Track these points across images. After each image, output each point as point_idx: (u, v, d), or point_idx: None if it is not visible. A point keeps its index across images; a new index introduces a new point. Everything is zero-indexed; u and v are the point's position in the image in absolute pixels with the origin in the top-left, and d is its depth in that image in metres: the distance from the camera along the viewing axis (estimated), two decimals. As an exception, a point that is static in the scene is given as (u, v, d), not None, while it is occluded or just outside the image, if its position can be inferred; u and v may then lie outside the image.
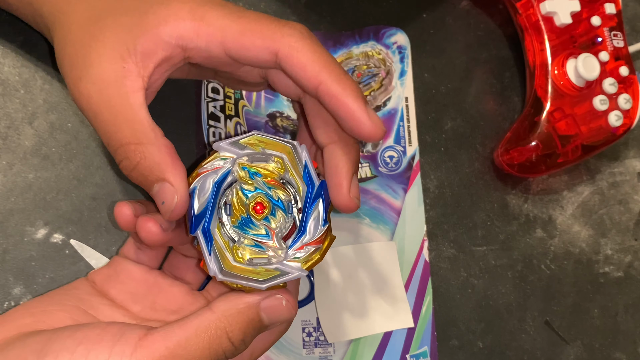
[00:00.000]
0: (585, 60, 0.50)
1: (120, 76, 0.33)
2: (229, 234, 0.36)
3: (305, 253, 0.36)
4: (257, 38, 0.33)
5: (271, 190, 0.36)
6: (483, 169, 0.53)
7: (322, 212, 0.36)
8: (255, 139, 0.36)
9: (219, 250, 0.35)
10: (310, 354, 0.46)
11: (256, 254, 0.35)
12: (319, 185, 0.36)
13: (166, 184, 0.33)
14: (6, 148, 0.44)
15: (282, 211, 0.36)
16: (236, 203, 0.36)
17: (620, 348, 0.51)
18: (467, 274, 0.50)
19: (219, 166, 0.35)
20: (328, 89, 0.34)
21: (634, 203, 0.55)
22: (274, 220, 0.36)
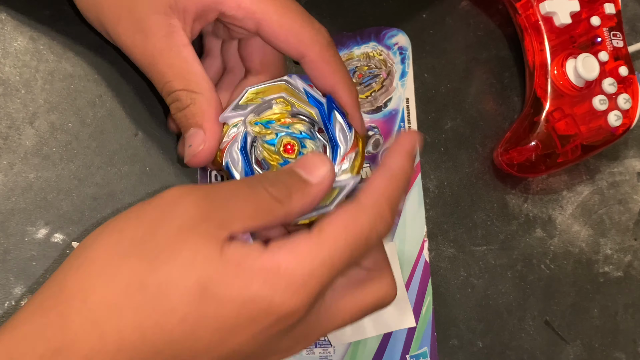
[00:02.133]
0: (584, 61, 0.50)
1: (169, 31, 0.36)
2: None
3: (349, 162, 0.37)
4: (292, 36, 0.37)
5: (290, 128, 0.38)
6: (483, 168, 0.53)
7: (343, 121, 0.38)
8: (251, 94, 0.37)
9: None
10: (310, 354, 0.46)
11: None
12: (327, 101, 0.38)
13: (200, 131, 0.36)
14: (7, 148, 0.44)
15: (309, 140, 0.38)
16: (267, 155, 0.37)
17: (620, 347, 0.51)
18: (467, 274, 0.50)
19: (235, 134, 0.37)
20: (339, 98, 0.38)
21: (633, 203, 0.55)
22: (307, 151, 0.37)
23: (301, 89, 0.38)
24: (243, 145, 0.37)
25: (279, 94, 0.38)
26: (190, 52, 0.37)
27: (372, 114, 0.51)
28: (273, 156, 0.37)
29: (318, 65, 0.38)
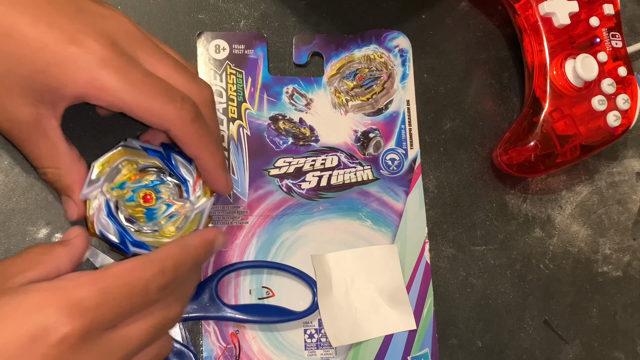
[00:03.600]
0: (583, 61, 0.50)
1: (36, 120, 0.38)
2: (150, 229, 0.42)
3: (200, 188, 0.43)
4: (154, 118, 0.39)
5: (142, 181, 0.42)
6: (482, 169, 0.53)
7: (182, 159, 0.43)
8: (99, 166, 0.41)
9: (155, 243, 0.41)
10: (312, 356, 0.46)
11: (177, 222, 0.42)
12: (163, 148, 0.43)
13: (70, 201, 0.41)
14: (8, 148, 0.44)
15: (161, 185, 0.43)
16: (132, 211, 0.42)
17: (618, 347, 0.52)
18: (467, 274, 0.50)
19: (98, 205, 0.41)
20: (203, 164, 0.42)
21: (632, 203, 0.55)
22: (163, 194, 0.42)
23: (138, 147, 0.42)
24: (108, 211, 0.41)
25: (122, 158, 0.42)
26: (57, 133, 0.40)
27: (373, 116, 0.51)
28: (136, 209, 0.42)
29: (181, 138, 0.40)
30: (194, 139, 0.41)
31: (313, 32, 0.52)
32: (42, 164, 0.40)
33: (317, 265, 0.47)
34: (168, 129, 0.40)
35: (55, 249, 0.37)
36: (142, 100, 0.38)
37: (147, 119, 0.39)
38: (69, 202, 0.41)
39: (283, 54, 0.51)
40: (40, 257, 0.36)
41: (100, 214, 0.41)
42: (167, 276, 0.36)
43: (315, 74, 0.51)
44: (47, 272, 0.36)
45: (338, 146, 0.50)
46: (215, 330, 0.45)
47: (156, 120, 0.39)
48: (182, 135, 0.40)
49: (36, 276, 0.35)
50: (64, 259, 0.37)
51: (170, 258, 0.37)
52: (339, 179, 0.50)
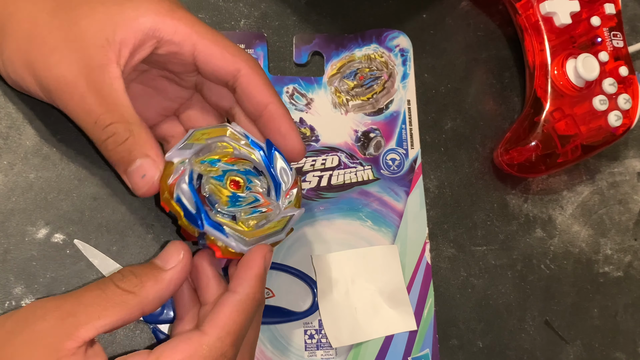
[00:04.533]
0: (584, 61, 0.50)
1: (104, 63, 0.36)
2: (229, 215, 0.39)
3: (291, 197, 0.40)
4: (227, 53, 0.38)
5: (235, 166, 0.40)
6: (483, 169, 0.53)
7: (283, 161, 0.40)
8: (198, 134, 0.39)
9: (233, 229, 0.38)
10: (312, 357, 0.46)
11: (257, 219, 0.39)
12: (267, 144, 0.40)
13: (149, 159, 0.36)
14: (7, 148, 0.44)
15: (253, 176, 0.40)
16: (215, 190, 0.38)
17: (619, 348, 0.51)
18: (467, 274, 0.50)
19: (182, 170, 0.38)
20: (275, 110, 0.40)
21: (633, 203, 0.55)
22: (253, 186, 0.40)
23: (242, 133, 0.40)
24: (190, 180, 0.38)
25: (223, 137, 0.40)
26: (121, 85, 0.36)
27: (373, 115, 0.51)
28: (222, 190, 0.39)
29: (252, 78, 0.39)
30: (265, 80, 0.39)
31: (313, 31, 0.52)
32: (112, 118, 0.36)
33: (318, 266, 0.47)
34: (239, 69, 0.39)
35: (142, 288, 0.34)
36: (216, 35, 0.38)
37: (220, 55, 0.38)
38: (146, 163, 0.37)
39: (283, 54, 0.51)
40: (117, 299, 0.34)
41: (182, 180, 0.37)
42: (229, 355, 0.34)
43: (316, 74, 0.51)
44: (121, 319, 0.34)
45: (338, 146, 0.50)
46: (215, 331, 0.45)
47: (230, 57, 0.38)
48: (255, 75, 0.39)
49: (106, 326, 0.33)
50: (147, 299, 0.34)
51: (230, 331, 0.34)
52: (339, 179, 0.50)
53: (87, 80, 0.36)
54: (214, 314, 0.35)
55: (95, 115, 0.36)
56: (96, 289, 0.34)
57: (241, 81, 0.39)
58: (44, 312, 0.33)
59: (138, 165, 0.37)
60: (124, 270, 0.35)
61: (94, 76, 0.36)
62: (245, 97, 0.40)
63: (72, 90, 0.36)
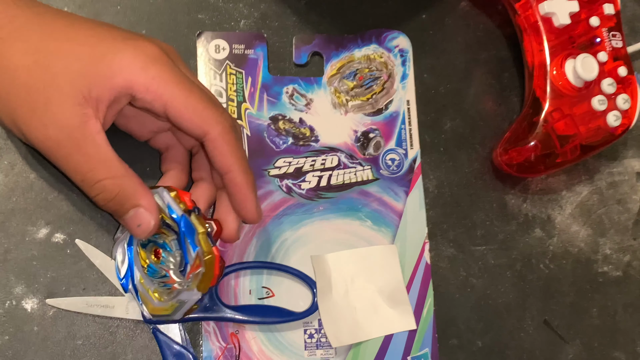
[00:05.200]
0: (583, 61, 0.50)
1: (83, 121, 0.37)
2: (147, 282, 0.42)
3: (194, 278, 0.40)
4: (196, 116, 0.39)
5: (158, 236, 0.41)
6: (482, 169, 0.53)
7: (190, 244, 0.40)
8: None
9: (143, 298, 0.42)
10: (312, 356, 0.46)
11: (168, 293, 0.41)
12: (183, 221, 0.40)
13: (141, 209, 0.39)
14: (7, 148, 0.44)
15: (169, 252, 0.41)
16: (139, 257, 0.42)
17: (619, 347, 0.51)
18: (467, 274, 0.50)
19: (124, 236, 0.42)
20: (234, 178, 0.41)
21: (632, 203, 0.55)
22: (166, 261, 0.41)
23: (165, 204, 0.40)
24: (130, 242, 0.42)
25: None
26: (103, 139, 0.38)
27: (373, 116, 0.51)
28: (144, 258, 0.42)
29: (218, 144, 0.40)
30: (230, 147, 0.40)
31: (313, 32, 0.52)
32: (98, 176, 0.38)
33: (317, 266, 0.47)
34: (206, 132, 0.39)
35: None
36: (188, 96, 0.39)
37: (188, 117, 0.39)
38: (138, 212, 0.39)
39: (283, 54, 0.51)
40: None
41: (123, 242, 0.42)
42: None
43: (315, 74, 0.51)
44: None
45: (338, 146, 0.50)
46: (215, 331, 0.45)
47: (198, 120, 0.39)
48: (220, 140, 0.40)
49: None
50: None
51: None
52: (339, 179, 0.50)
53: (69, 140, 0.37)
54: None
55: (81, 174, 0.38)
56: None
57: (207, 144, 0.40)
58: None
59: (131, 215, 0.39)
60: None
61: (76, 136, 0.37)
62: (210, 157, 0.41)
63: (57, 151, 0.38)
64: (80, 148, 0.37)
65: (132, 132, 0.45)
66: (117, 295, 0.44)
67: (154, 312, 0.42)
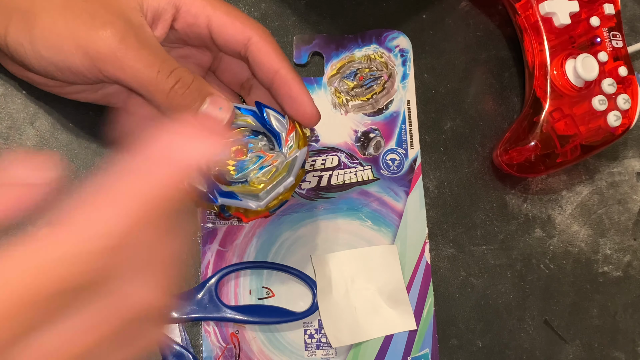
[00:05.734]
0: (584, 61, 0.50)
1: (143, 23, 0.39)
2: (239, 182, 0.41)
3: (292, 140, 0.42)
4: (238, 22, 0.40)
5: (233, 137, 0.41)
6: (482, 169, 0.53)
7: (275, 112, 0.42)
8: None
9: (243, 191, 0.40)
10: (312, 356, 0.46)
11: (267, 173, 0.41)
12: (256, 105, 0.42)
13: (216, 95, 0.39)
14: (7, 148, 0.44)
15: (252, 138, 0.42)
16: (221, 165, 0.41)
17: (619, 347, 0.51)
18: (467, 274, 0.50)
19: None
20: (285, 75, 0.41)
21: (632, 203, 0.55)
22: (254, 147, 0.42)
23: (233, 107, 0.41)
24: None
25: None
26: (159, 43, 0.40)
27: (373, 116, 0.51)
28: (227, 162, 0.41)
29: (262, 45, 0.41)
30: (274, 47, 0.41)
31: (313, 32, 0.52)
32: (173, 65, 0.38)
33: (317, 266, 0.47)
34: (250, 36, 0.40)
35: None
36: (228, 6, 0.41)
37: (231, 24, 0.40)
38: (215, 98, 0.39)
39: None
40: None
41: None
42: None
43: (316, 74, 0.51)
44: None
45: (338, 146, 0.50)
46: (215, 331, 0.45)
47: (240, 26, 0.40)
48: (264, 42, 0.41)
49: None
50: None
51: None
52: (339, 179, 0.50)
53: (136, 38, 0.38)
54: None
55: (156, 66, 0.38)
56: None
57: (252, 49, 0.41)
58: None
59: (212, 101, 0.39)
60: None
61: (141, 34, 0.38)
62: (256, 65, 0.41)
63: (125, 50, 0.37)
64: (148, 44, 0.38)
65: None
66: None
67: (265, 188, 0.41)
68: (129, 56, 0.37)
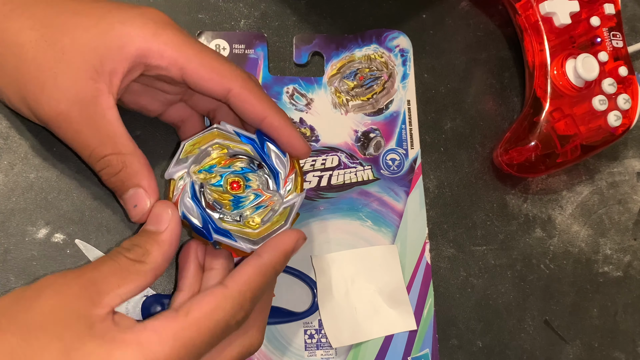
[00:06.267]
0: (584, 61, 0.50)
1: (95, 96, 0.37)
2: (232, 218, 0.41)
3: (291, 183, 0.41)
4: (215, 74, 0.38)
5: (231, 167, 0.41)
6: (482, 169, 0.53)
7: (276, 148, 0.41)
8: (189, 146, 0.40)
9: (238, 232, 0.40)
10: (312, 356, 0.46)
11: (263, 214, 0.41)
12: (257, 135, 0.41)
13: (140, 190, 0.38)
14: (7, 148, 0.44)
15: (250, 173, 0.41)
16: (217, 196, 0.40)
17: (619, 347, 0.51)
18: (467, 274, 0.50)
19: (183, 185, 0.40)
20: (272, 122, 0.40)
21: (633, 203, 0.55)
22: (252, 183, 0.41)
23: (232, 132, 0.41)
24: (193, 193, 0.40)
25: (214, 141, 0.41)
26: (114, 114, 0.37)
27: (373, 116, 0.51)
28: (223, 196, 0.40)
29: (244, 96, 0.39)
30: (256, 94, 0.40)
31: (313, 31, 0.52)
32: (104, 151, 0.37)
33: (317, 266, 0.47)
34: (228, 88, 0.39)
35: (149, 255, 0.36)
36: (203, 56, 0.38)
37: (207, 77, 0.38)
38: (137, 193, 0.38)
39: (283, 54, 0.51)
40: (132, 269, 0.35)
41: (184, 196, 0.39)
42: (247, 309, 0.36)
43: (316, 74, 0.51)
44: (139, 286, 0.35)
45: (338, 146, 0.50)
46: (215, 331, 0.45)
47: (217, 77, 0.38)
48: (246, 91, 0.39)
49: (127, 293, 0.34)
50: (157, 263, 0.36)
51: (249, 288, 0.36)
52: (339, 179, 0.50)
53: (80, 114, 0.37)
54: (237, 272, 0.37)
55: (90, 149, 0.37)
56: (110, 261, 0.35)
57: (233, 100, 0.39)
58: (66, 281, 0.34)
59: (130, 195, 0.38)
60: (126, 243, 0.37)
61: (87, 110, 0.37)
62: (240, 113, 0.40)
63: (67, 124, 0.37)
64: (90, 122, 0.37)
65: (143, 107, 0.44)
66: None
67: (261, 234, 0.40)
68: (69, 133, 0.37)
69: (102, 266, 0.35)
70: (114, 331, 0.32)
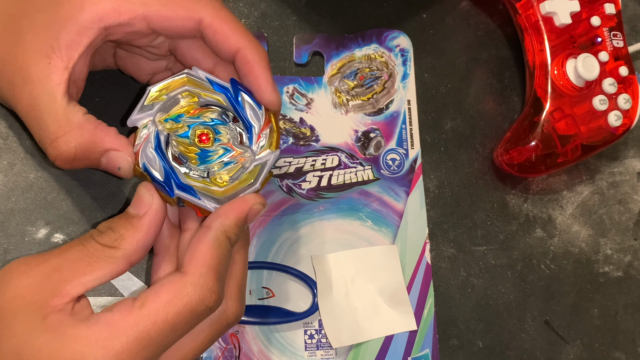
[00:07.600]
0: (584, 61, 0.50)
1: (46, 74, 0.34)
2: (199, 174, 0.37)
3: (265, 138, 0.38)
4: (180, 8, 0.36)
5: (200, 118, 0.38)
6: (483, 168, 0.53)
7: (251, 100, 0.38)
8: (155, 92, 0.37)
9: (203, 190, 0.37)
10: (312, 357, 0.46)
11: (232, 171, 0.37)
12: (232, 84, 0.38)
13: (110, 152, 0.35)
14: (7, 148, 0.44)
15: (221, 126, 0.38)
16: (183, 149, 0.37)
17: (619, 347, 0.51)
18: (467, 274, 0.50)
19: (146, 134, 0.36)
20: (245, 55, 0.37)
21: (633, 203, 0.55)
22: (222, 137, 0.38)
23: (204, 78, 0.38)
24: (157, 144, 0.36)
25: (183, 87, 0.37)
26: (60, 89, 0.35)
27: (373, 115, 0.51)
28: (189, 148, 0.37)
29: (216, 25, 0.36)
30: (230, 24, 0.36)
31: (313, 31, 0.52)
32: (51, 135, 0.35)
33: (318, 266, 0.47)
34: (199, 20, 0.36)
35: (123, 241, 0.34)
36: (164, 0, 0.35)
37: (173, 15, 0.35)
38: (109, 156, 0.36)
39: (283, 54, 0.51)
40: (101, 254, 0.33)
41: (147, 146, 0.36)
42: (217, 290, 0.34)
43: (316, 74, 0.51)
44: (108, 274, 0.33)
45: (338, 146, 0.50)
46: (215, 331, 0.45)
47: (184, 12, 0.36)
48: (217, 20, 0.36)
49: (93, 281, 0.33)
50: (130, 250, 0.34)
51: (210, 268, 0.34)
52: (339, 179, 0.50)
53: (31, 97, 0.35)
54: (191, 252, 0.34)
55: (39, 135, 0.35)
56: (78, 245, 0.33)
57: (205, 32, 0.37)
58: (28, 268, 0.32)
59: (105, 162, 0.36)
60: (102, 225, 0.35)
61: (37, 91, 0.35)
62: (214, 47, 0.38)
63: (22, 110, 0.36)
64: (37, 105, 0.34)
65: (131, 74, 0.43)
66: (117, 296, 0.44)
67: (227, 193, 0.37)
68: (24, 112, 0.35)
69: (69, 251, 0.33)
70: (66, 325, 0.31)
